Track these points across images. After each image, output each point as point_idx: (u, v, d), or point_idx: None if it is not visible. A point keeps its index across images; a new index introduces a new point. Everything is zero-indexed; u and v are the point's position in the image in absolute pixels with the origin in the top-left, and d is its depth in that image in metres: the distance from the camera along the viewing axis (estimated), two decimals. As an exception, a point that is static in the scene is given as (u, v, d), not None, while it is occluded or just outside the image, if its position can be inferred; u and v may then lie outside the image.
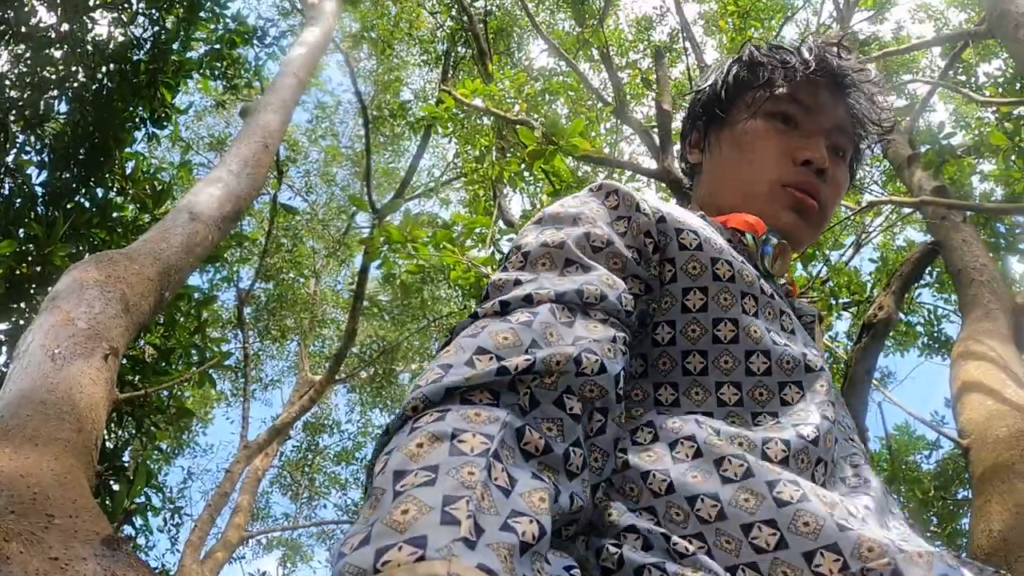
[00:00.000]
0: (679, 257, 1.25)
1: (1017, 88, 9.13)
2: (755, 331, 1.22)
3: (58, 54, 7.67)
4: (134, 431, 7.30)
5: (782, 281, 1.48)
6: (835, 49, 1.54)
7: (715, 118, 1.57)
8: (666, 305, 1.24)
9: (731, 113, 1.54)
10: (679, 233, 1.27)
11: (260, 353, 21.49)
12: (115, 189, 7.69)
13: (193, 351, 7.63)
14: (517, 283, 1.14)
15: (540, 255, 1.19)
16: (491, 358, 0.97)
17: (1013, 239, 9.04)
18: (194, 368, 7.36)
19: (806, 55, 1.51)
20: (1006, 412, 4.63)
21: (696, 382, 1.20)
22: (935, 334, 12.55)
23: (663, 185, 9.04)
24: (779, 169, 1.45)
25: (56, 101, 7.78)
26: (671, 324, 1.24)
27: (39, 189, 7.40)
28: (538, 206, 12.71)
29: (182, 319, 7.60)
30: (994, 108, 9.78)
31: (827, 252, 10.29)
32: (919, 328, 12.64)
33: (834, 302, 10.36)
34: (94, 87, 7.81)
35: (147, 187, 7.61)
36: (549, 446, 0.93)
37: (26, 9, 7.34)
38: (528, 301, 1.09)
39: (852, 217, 10.95)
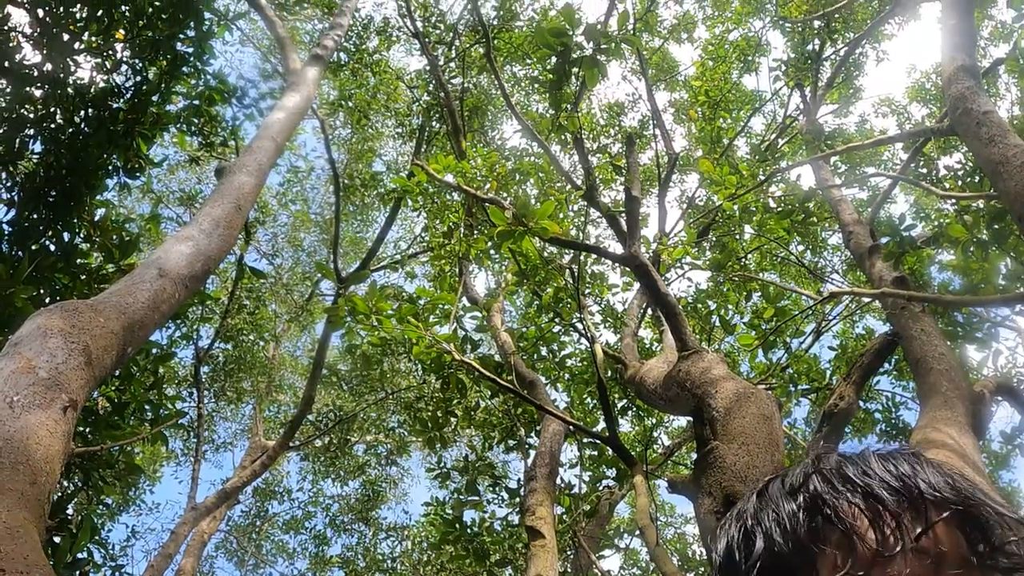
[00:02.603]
0: None
1: (976, 182, 9.40)
2: None
3: (38, 93, 7.65)
4: (81, 484, 7.14)
5: None
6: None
7: None
8: None
9: None
10: None
11: (214, 414, 21.20)
12: (82, 235, 7.63)
13: (147, 407, 7.51)
14: None
15: None
16: None
17: (971, 328, 9.22)
18: (147, 425, 7.24)
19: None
20: (964, 500, 4.66)
21: None
22: (893, 421, 12.67)
23: (627, 269, 9.13)
24: None
25: (31, 140, 7.72)
26: None
27: (6, 227, 7.33)
28: (503, 285, 12.80)
29: (138, 373, 7.49)
30: (953, 201, 10.05)
31: (787, 340, 10.41)
32: (877, 415, 12.76)
33: (793, 388, 10.45)
34: (71, 130, 7.78)
35: (115, 236, 7.56)
36: None
37: (11, 45, 7.33)
38: None
39: (813, 307, 11.11)
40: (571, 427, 9.17)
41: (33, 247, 7.29)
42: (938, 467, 0.99)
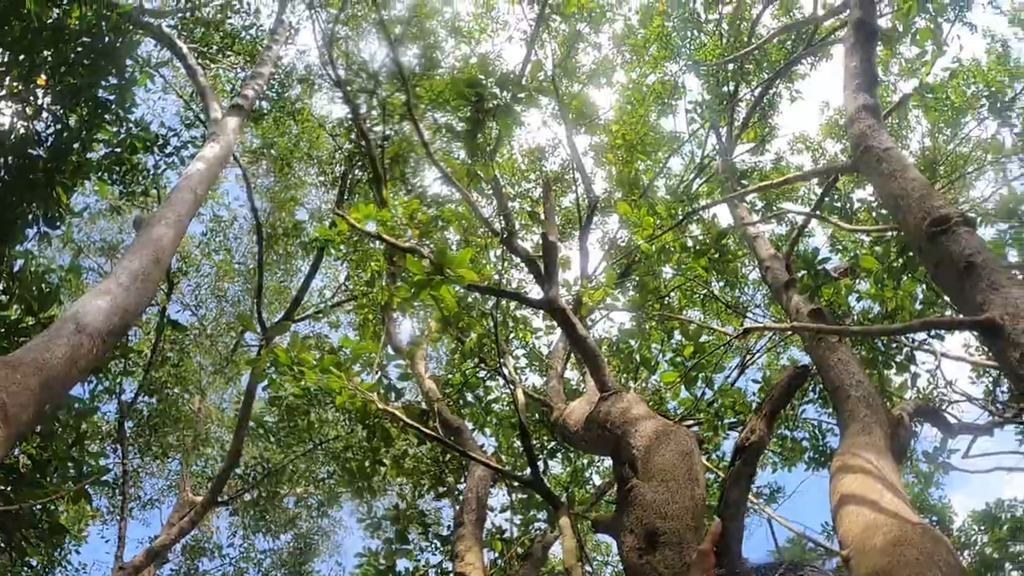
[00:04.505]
0: None
1: (887, 213, 9.76)
2: None
3: (-44, 139, 7.54)
4: (3, 544, 6.97)
5: None
6: None
7: None
8: None
9: None
10: None
11: (140, 470, 20.75)
12: (0, 287, 7.50)
13: (70, 464, 7.36)
14: None
15: None
16: None
17: (890, 354, 9.53)
18: (71, 483, 7.10)
19: None
20: (883, 521, 4.79)
21: None
22: (820, 448, 12.94)
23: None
24: None
25: (-52, 188, 7.61)
26: None
27: (-80, 279, 7.18)
28: (426, 332, 12.82)
29: (60, 430, 7.35)
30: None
31: (710, 375, 10.60)
32: (805, 443, 13.01)
33: (720, 422, 10.62)
34: (-11, 178, 7.68)
35: (34, 288, 7.43)
36: None
37: (-71, 89, 7.24)
38: None
39: (731, 342, 11.32)
40: (497, 472, 9.20)
41: (-51, 299, 7.16)
42: None
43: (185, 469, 20.05)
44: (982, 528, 15.35)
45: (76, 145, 8.52)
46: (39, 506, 7.12)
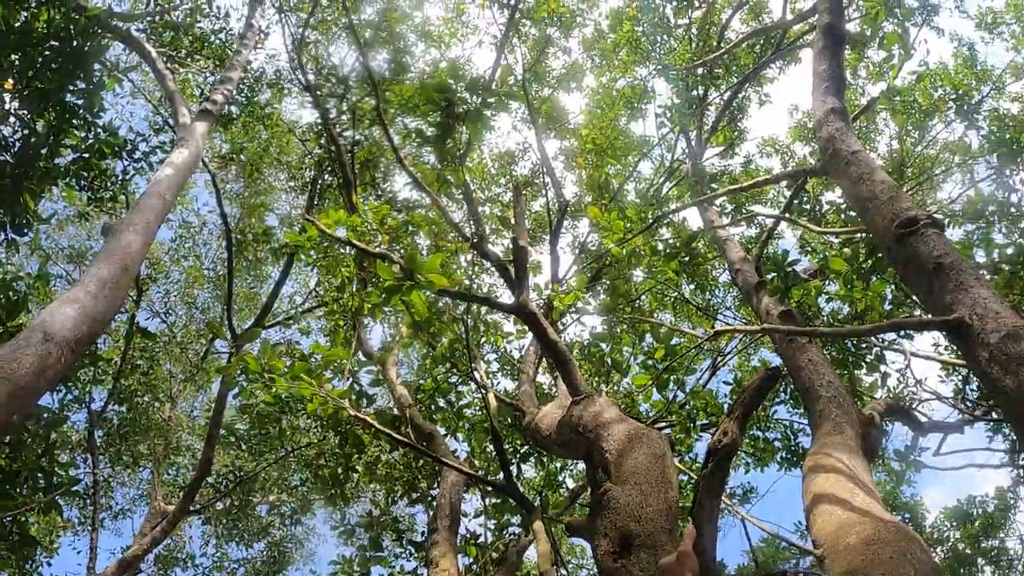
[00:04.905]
0: None
1: (854, 216, 9.85)
2: None
3: (-80, 145, 7.45)
4: (-29, 558, 6.89)
5: None
6: None
7: None
8: None
9: None
10: None
11: (110, 480, 20.52)
12: (-34, 297, 7.41)
13: (40, 475, 7.28)
14: None
15: None
16: None
17: (859, 354, 9.61)
18: (41, 494, 7.02)
19: None
20: (856, 520, 4.83)
21: None
22: (793, 448, 13.01)
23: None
24: None
25: (-89, 195, 7.51)
26: None
27: None
28: (398, 338, 12.78)
29: (29, 440, 7.27)
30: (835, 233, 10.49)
31: (681, 377, 10.64)
32: (777, 443, 13.08)
33: (692, 424, 10.65)
34: (-46, 185, 7.58)
35: (1, 296, 7.35)
36: None
37: None
38: None
39: (702, 345, 11.38)
40: (470, 477, 9.18)
41: (-87, 309, 7.07)
42: None
43: (156, 478, 19.84)
44: (954, 524, 15.53)
45: (44, 150, 8.44)
46: (9, 518, 7.04)
